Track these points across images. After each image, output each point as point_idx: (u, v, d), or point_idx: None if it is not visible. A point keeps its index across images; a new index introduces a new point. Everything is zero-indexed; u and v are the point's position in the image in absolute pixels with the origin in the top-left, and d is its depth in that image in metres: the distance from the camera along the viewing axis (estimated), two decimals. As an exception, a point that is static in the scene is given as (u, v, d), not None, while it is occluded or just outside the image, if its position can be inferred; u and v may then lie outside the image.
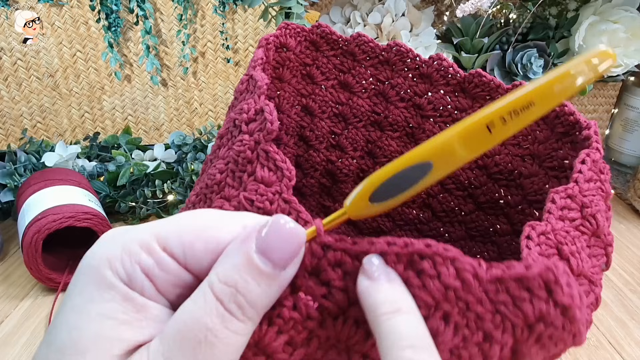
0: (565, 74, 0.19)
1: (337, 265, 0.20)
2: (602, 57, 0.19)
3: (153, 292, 0.19)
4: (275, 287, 0.19)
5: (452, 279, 0.19)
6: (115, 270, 0.18)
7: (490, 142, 0.20)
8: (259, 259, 0.18)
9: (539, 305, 0.19)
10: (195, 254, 0.19)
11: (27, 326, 0.49)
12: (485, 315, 0.19)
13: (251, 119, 0.26)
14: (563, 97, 0.19)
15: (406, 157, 0.21)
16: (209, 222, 0.20)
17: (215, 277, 0.18)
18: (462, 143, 0.20)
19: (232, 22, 0.77)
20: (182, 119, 0.83)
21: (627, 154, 0.84)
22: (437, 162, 0.20)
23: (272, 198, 0.23)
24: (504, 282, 0.19)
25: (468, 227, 0.46)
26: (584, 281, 0.24)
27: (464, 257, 0.19)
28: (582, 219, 0.25)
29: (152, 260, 0.18)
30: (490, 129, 0.20)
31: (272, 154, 0.24)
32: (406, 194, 0.21)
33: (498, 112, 0.20)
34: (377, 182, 0.21)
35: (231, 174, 0.26)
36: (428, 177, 0.20)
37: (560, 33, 0.75)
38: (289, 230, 0.19)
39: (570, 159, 0.35)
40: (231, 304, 0.18)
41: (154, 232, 0.19)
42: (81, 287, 0.18)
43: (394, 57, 0.44)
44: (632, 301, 0.55)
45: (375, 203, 0.21)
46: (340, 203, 0.51)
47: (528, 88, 0.20)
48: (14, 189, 0.65)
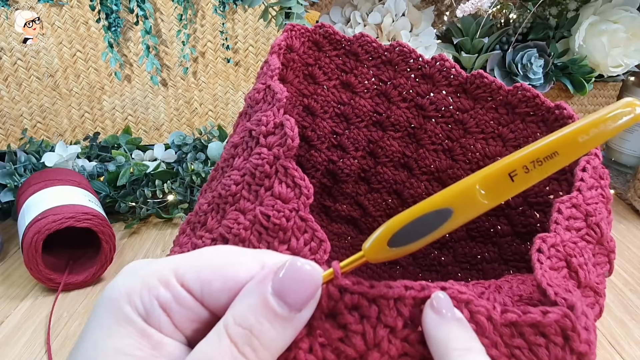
0: (591, 124, 0.19)
1: (354, 308, 0.20)
2: (628, 109, 0.19)
3: (170, 327, 0.19)
4: (290, 330, 0.19)
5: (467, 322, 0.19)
6: (134, 305, 0.18)
7: (512, 190, 0.20)
8: (275, 301, 0.18)
9: (555, 352, 0.19)
10: (213, 291, 0.19)
11: (27, 326, 0.49)
12: (500, 358, 0.19)
13: (270, 132, 0.26)
14: (588, 147, 0.19)
15: (426, 203, 0.20)
16: (229, 259, 0.20)
17: (231, 318, 0.18)
18: (483, 190, 0.20)
19: (232, 22, 0.77)
20: (182, 119, 0.83)
21: (627, 154, 0.84)
22: (458, 208, 0.20)
23: (288, 215, 0.23)
24: (519, 326, 0.19)
25: (469, 228, 0.46)
26: (589, 293, 0.24)
27: (478, 300, 0.19)
28: (587, 228, 0.25)
29: (169, 294, 0.19)
30: (513, 177, 0.20)
31: (292, 171, 0.24)
32: (425, 239, 0.20)
33: (521, 160, 0.19)
34: (396, 226, 0.20)
35: (247, 186, 0.26)
36: (448, 223, 0.20)
37: (560, 33, 0.75)
38: (305, 272, 0.19)
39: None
40: (245, 346, 0.18)
41: (172, 267, 0.19)
42: (100, 320, 0.19)
43: (397, 57, 0.44)
44: (632, 301, 0.55)
45: (394, 248, 0.20)
46: (340, 202, 0.51)
47: (552, 137, 0.19)
48: (14, 189, 0.65)
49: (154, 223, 0.69)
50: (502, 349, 0.19)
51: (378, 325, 0.20)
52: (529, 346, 0.19)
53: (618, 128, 0.19)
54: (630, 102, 0.19)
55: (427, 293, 0.19)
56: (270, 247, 0.24)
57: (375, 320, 0.20)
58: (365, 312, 0.20)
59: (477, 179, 0.20)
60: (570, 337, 0.19)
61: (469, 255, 0.46)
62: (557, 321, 0.19)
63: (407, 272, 0.49)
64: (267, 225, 0.23)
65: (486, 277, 0.44)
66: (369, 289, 0.19)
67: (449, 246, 0.47)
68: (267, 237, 0.24)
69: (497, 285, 0.27)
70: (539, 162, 0.19)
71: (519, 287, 0.26)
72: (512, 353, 0.19)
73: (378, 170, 0.49)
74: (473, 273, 0.46)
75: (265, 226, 0.23)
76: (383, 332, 0.20)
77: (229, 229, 0.25)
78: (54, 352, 0.46)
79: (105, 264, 0.56)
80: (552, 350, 0.19)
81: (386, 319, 0.20)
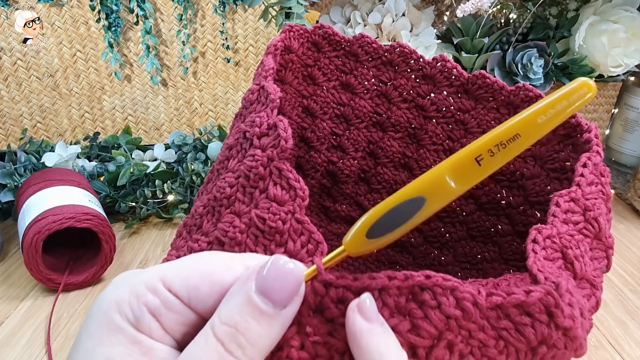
0: (548, 106, 0.21)
1: (340, 302, 0.20)
2: (582, 89, 0.21)
3: (160, 331, 0.19)
4: (276, 327, 0.19)
5: (453, 308, 0.19)
6: (124, 313, 0.19)
7: (480, 174, 0.21)
8: (259, 299, 0.19)
9: (541, 329, 0.19)
10: (200, 295, 0.19)
11: (28, 327, 0.49)
12: (488, 341, 0.19)
13: (263, 134, 0.26)
14: (548, 127, 0.21)
15: (400, 193, 0.21)
16: (215, 264, 0.20)
17: (217, 319, 0.19)
18: (452, 176, 0.21)
19: (232, 22, 0.77)
20: (182, 119, 0.83)
21: (627, 154, 0.84)
22: (430, 196, 0.21)
23: (284, 217, 0.23)
24: (505, 308, 0.19)
25: (469, 228, 0.46)
26: (586, 285, 0.24)
27: (463, 286, 0.19)
28: (585, 222, 0.25)
29: (158, 300, 0.19)
30: (479, 162, 0.21)
31: (286, 172, 0.24)
32: (402, 229, 0.21)
33: (486, 144, 0.21)
34: (373, 218, 0.21)
35: (242, 189, 0.26)
36: (422, 211, 0.21)
37: (560, 33, 0.75)
38: (288, 269, 0.19)
39: (572, 161, 0.35)
40: (232, 344, 0.18)
41: (160, 275, 0.20)
42: (91, 330, 0.19)
43: (397, 58, 0.44)
44: (632, 301, 0.55)
45: (373, 239, 0.21)
46: (340, 203, 0.51)
47: (514, 121, 0.21)
48: (14, 189, 0.65)
49: (154, 223, 0.69)
50: (490, 332, 0.19)
51: None
52: (516, 327, 0.19)
53: (574, 108, 0.21)
54: (585, 81, 0.21)
55: (410, 282, 0.20)
56: (267, 250, 0.24)
57: None
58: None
59: (446, 166, 0.21)
60: (554, 314, 0.19)
61: (470, 254, 0.46)
62: (541, 299, 0.19)
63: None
64: (263, 228, 0.23)
65: (486, 277, 0.44)
66: (353, 281, 0.20)
67: (450, 246, 0.47)
68: (263, 240, 0.24)
69: (494, 283, 0.27)
70: (502, 145, 0.21)
71: (516, 284, 0.26)
72: (500, 335, 0.19)
73: (378, 170, 0.49)
74: (473, 272, 0.46)
75: (261, 229, 0.23)
76: None
77: (225, 233, 0.25)
78: (54, 353, 0.46)
79: (105, 264, 0.56)
80: (538, 329, 0.19)
81: None
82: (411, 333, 0.20)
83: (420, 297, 0.19)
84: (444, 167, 0.21)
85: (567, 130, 0.35)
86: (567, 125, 0.35)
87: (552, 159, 0.37)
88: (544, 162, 0.38)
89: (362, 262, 0.51)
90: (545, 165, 0.38)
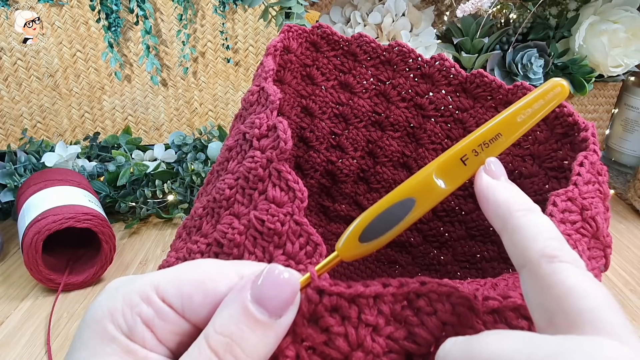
0: (525, 105, 0.22)
1: (334, 310, 0.20)
2: (556, 89, 0.22)
3: (154, 342, 0.19)
4: (272, 336, 0.19)
5: (449, 314, 0.19)
6: (117, 323, 0.19)
7: (466, 173, 0.22)
8: (255, 308, 0.18)
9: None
10: (194, 305, 0.19)
11: (28, 327, 0.49)
12: None
13: (263, 135, 0.26)
14: (526, 126, 0.22)
15: (390, 196, 0.22)
16: (209, 273, 0.20)
17: (212, 329, 0.18)
18: (440, 177, 0.22)
19: (232, 22, 0.77)
20: (182, 119, 0.83)
21: (627, 154, 0.84)
22: (419, 197, 0.22)
23: (283, 219, 0.23)
24: (502, 312, 0.19)
25: (468, 227, 0.46)
26: None
27: (458, 291, 0.19)
28: (582, 221, 0.25)
29: (151, 310, 0.19)
30: (465, 162, 0.22)
31: (285, 174, 0.24)
32: (394, 231, 0.22)
33: (470, 145, 0.22)
34: (364, 222, 0.22)
35: (241, 190, 0.26)
36: (413, 212, 0.22)
37: (560, 33, 0.75)
38: (283, 279, 0.19)
39: (570, 160, 0.35)
40: (227, 354, 0.18)
41: (153, 284, 0.19)
42: (85, 340, 0.19)
43: (396, 57, 0.44)
44: (632, 301, 0.55)
45: (366, 243, 0.22)
46: (339, 202, 0.51)
47: (494, 121, 0.22)
48: (14, 189, 0.65)
49: (154, 223, 0.69)
50: None
51: (360, 325, 0.20)
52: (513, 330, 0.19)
53: (550, 107, 0.22)
54: (557, 81, 0.22)
55: (405, 289, 0.20)
56: (266, 251, 0.24)
57: (356, 320, 0.20)
58: (346, 312, 0.20)
59: (433, 168, 0.22)
60: None
61: (469, 254, 0.46)
62: None
63: (406, 272, 0.49)
64: (261, 229, 0.23)
65: (485, 276, 0.44)
66: (346, 289, 0.20)
67: (449, 245, 0.47)
68: (262, 242, 0.24)
69: (492, 282, 0.27)
70: (485, 145, 0.22)
71: (514, 284, 0.26)
72: None
73: (377, 170, 0.49)
74: (472, 272, 0.46)
75: (260, 231, 0.23)
76: (365, 332, 0.20)
77: (224, 234, 0.25)
78: (54, 353, 0.46)
79: (105, 264, 0.56)
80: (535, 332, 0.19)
81: (367, 318, 0.20)
82: (407, 340, 0.20)
83: (416, 303, 0.19)
84: (432, 168, 0.22)
85: (564, 129, 0.35)
86: (564, 124, 0.35)
87: (550, 158, 0.37)
88: (542, 161, 0.38)
89: (362, 262, 0.51)
90: (543, 164, 0.38)
